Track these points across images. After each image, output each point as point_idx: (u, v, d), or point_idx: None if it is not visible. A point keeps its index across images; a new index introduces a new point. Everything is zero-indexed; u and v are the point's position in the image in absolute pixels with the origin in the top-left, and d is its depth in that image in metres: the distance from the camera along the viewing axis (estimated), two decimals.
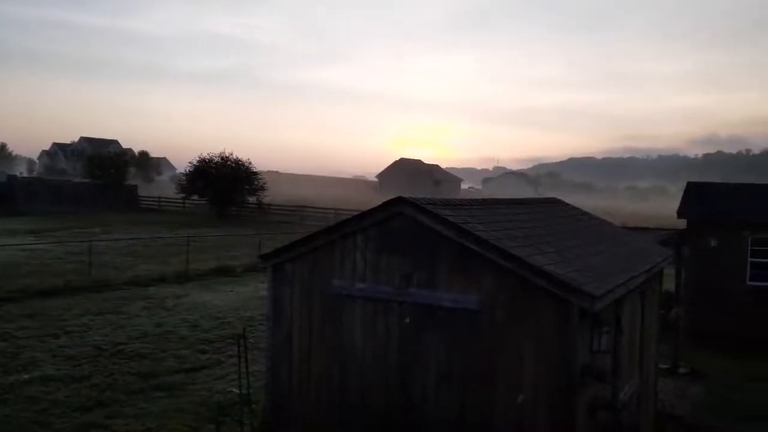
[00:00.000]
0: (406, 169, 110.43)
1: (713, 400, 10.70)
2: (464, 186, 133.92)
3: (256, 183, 45.75)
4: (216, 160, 45.46)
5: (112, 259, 21.46)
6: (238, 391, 7.81)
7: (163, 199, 50.55)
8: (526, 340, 5.19)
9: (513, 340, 5.24)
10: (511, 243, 5.51)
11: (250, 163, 46.31)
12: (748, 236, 14.54)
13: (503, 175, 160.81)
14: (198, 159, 45.73)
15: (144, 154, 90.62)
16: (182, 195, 46.03)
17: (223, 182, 43.76)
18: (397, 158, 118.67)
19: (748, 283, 14.58)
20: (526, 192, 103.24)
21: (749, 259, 14.56)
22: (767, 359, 13.02)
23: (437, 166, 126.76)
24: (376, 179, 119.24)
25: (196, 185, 45.11)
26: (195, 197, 45.78)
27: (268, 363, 6.49)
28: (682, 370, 11.98)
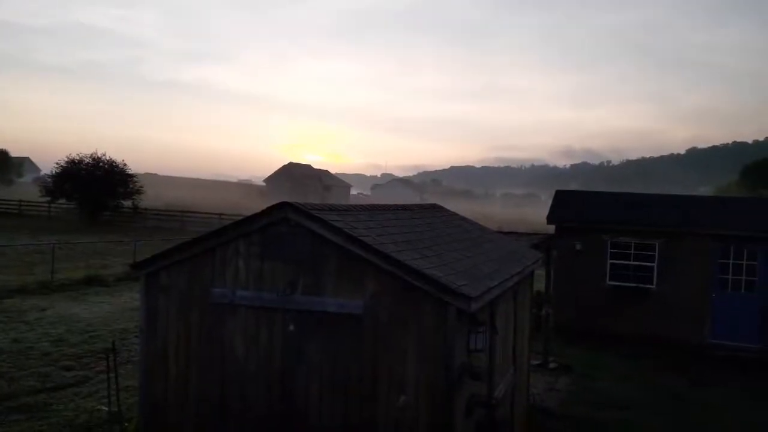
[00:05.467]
0: (294, 173, 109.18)
1: (578, 391, 11.58)
2: (354, 192, 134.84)
3: (131, 186, 43.26)
4: (87, 161, 42.46)
5: None
6: (107, 409, 7.30)
7: (24, 203, 46.19)
8: (408, 342, 5.31)
9: (395, 343, 5.34)
10: (394, 247, 5.63)
11: (125, 164, 43.78)
12: (607, 240, 15.93)
13: (391, 181, 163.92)
14: (66, 160, 42.48)
15: (3, 154, 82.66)
16: (48, 199, 42.40)
17: (95, 185, 40.93)
18: (286, 162, 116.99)
19: (608, 282, 15.96)
20: (413, 198, 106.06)
21: (609, 261, 15.95)
22: (626, 352, 14.32)
23: (327, 171, 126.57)
24: (263, 183, 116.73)
25: (64, 188, 41.81)
26: (63, 201, 42.38)
27: (141, 378, 6.12)
28: (551, 365, 12.84)
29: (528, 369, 9.60)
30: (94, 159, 42.63)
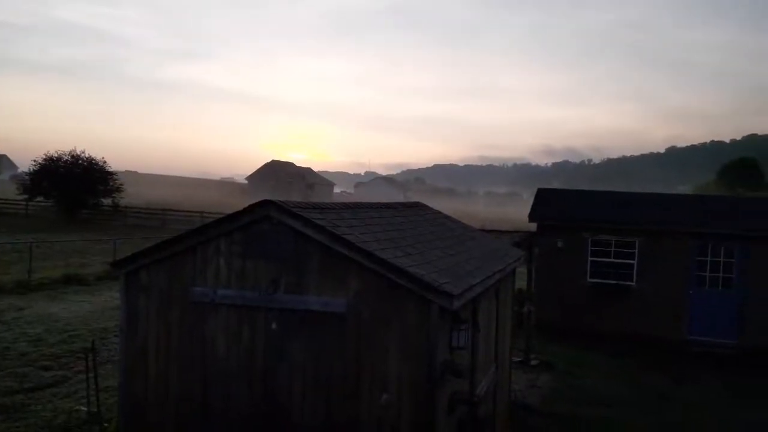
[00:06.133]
0: (277, 171, 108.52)
1: (560, 388, 11.69)
2: (337, 190, 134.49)
3: (111, 184, 42.71)
4: (66, 158, 41.83)
5: None
6: (86, 410, 7.21)
7: (1, 201, 45.37)
8: (391, 340, 5.32)
9: (378, 341, 5.35)
10: (377, 246, 5.62)
11: (104, 162, 43.21)
12: (588, 238, 16.08)
13: (374, 179, 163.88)
14: (44, 157, 41.81)
15: None
16: (25, 197, 41.70)
17: (74, 183, 40.35)
18: (269, 160, 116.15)
19: (589, 280, 16.13)
20: (396, 196, 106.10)
21: (589, 259, 16.12)
22: (607, 349, 14.48)
23: (310, 169, 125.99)
24: (245, 182, 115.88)
25: (42, 186, 41.16)
26: (41, 199, 41.72)
27: (121, 377, 6.05)
28: (533, 362, 12.95)
29: (510, 366, 9.66)
30: (72, 156, 42.02)
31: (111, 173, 43.40)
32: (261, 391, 5.63)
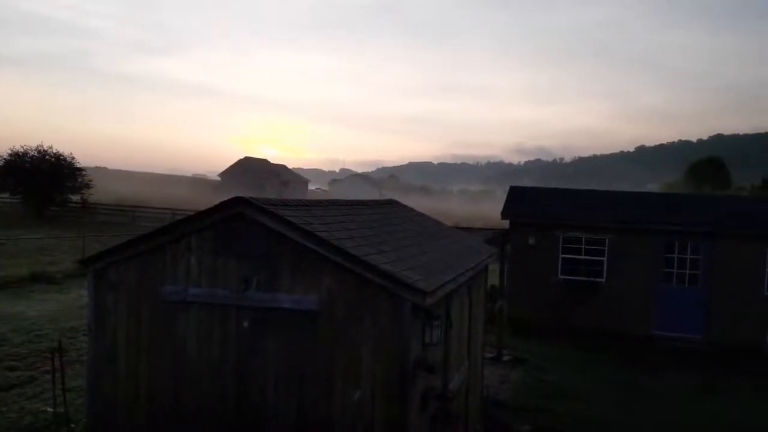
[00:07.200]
0: (251, 168, 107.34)
1: (531, 382, 11.85)
2: (312, 187, 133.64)
3: (80, 180, 41.84)
4: (32, 153, 40.81)
5: None
6: (53, 411, 7.06)
7: None
8: (364, 337, 5.32)
9: (351, 338, 5.35)
10: (351, 243, 5.62)
11: (72, 157, 42.25)
12: (559, 235, 16.30)
13: (349, 177, 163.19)
14: (9, 152, 40.75)
15: None
16: None
17: (41, 179, 39.43)
18: (242, 157, 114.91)
19: (560, 277, 16.35)
20: (372, 193, 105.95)
21: (561, 256, 16.34)
22: (578, 345, 14.71)
23: (284, 166, 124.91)
24: (218, 178, 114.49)
25: (7, 182, 40.13)
26: (6, 195, 40.68)
27: (89, 377, 5.94)
28: (505, 358, 13.09)
29: (482, 362, 9.75)
30: (39, 152, 40.99)
31: (79, 169, 42.49)
32: (233, 389, 5.59)
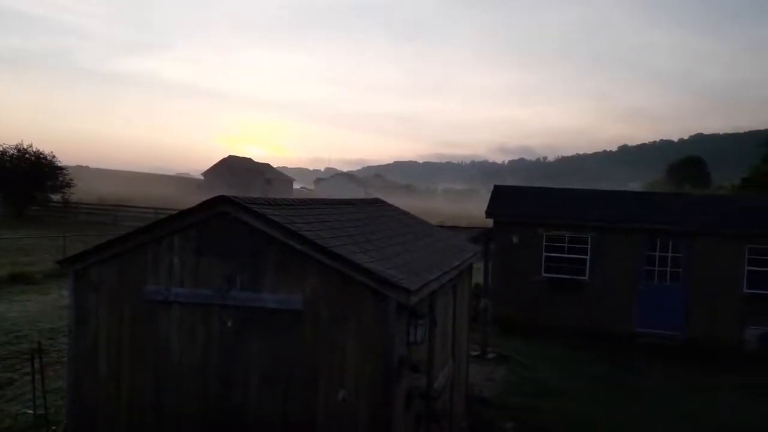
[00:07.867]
0: (235, 167, 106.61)
1: (516, 380, 11.92)
2: (296, 186, 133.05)
3: (61, 179, 41.31)
4: (11, 152, 40.20)
5: None
6: (33, 413, 6.97)
7: None
8: (349, 336, 5.31)
9: (336, 338, 5.33)
10: (335, 242, 5.61)
11: (53, 156, 41.69)
12: (542, 234, 16.42)
13: (334, 176, 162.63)
14: None
15: None
16: None
17: (21, 178, 38.87)
18: (226, 155, 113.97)
19: (543, 275, 16.47)
20: (357, 192, 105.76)
21: (544, 254, 16.45)
22: (562, 342, 14.82)
23: (268, 165, 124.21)
24: (201, 177, 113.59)
25: None
26: None
27: (69, 378, 5.87)
28: (489, 356, 13.15)
29: (467, 360, 9.79)
30: (19, 150, 40.38)
31: (60, 168, 41.94)
32: (216, 390, 5.55)
